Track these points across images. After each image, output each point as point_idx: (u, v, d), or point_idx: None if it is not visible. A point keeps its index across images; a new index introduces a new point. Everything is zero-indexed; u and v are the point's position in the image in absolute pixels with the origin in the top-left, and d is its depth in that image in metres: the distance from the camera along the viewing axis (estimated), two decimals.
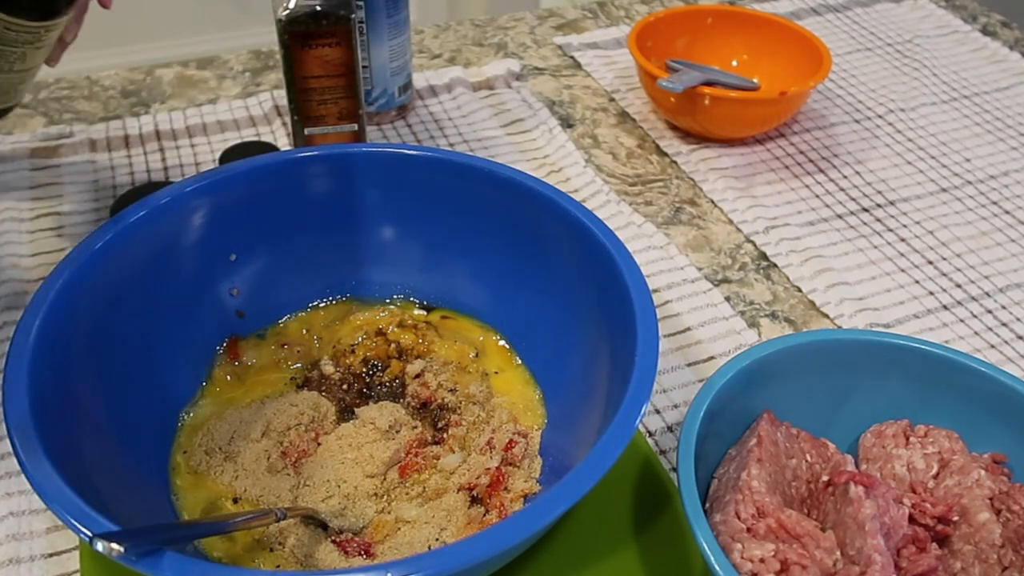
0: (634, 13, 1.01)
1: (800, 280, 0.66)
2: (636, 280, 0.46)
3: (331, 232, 0.57)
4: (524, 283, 0.55)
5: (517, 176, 0.53)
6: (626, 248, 0.48)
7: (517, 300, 0.56)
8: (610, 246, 0.48)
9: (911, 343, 0.48)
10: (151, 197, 0.50)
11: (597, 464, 0.38)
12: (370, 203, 0.57)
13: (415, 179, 0.56)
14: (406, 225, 0.58)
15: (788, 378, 0.48)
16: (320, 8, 0.65)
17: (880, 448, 0.48)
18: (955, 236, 0.70)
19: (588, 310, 0.51)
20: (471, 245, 0.57)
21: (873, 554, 0.39)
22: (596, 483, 0.37)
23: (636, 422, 0.39)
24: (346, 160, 0.56)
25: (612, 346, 0.47)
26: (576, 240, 0.51)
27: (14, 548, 0.47)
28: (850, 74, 0.91)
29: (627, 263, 0.47)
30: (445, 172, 0.55)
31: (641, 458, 0.52)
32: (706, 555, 0.38)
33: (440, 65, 0.90)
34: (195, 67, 0.87)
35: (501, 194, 0.54)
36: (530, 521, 0.36)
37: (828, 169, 0.78)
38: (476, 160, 0.55)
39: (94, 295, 0.46)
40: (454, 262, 0.58)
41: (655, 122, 0.82)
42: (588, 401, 0.48)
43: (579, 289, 0.51)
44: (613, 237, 0.49)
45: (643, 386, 0.41)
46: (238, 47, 0.95)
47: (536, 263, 0.54)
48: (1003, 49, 0.95)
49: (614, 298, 0.47)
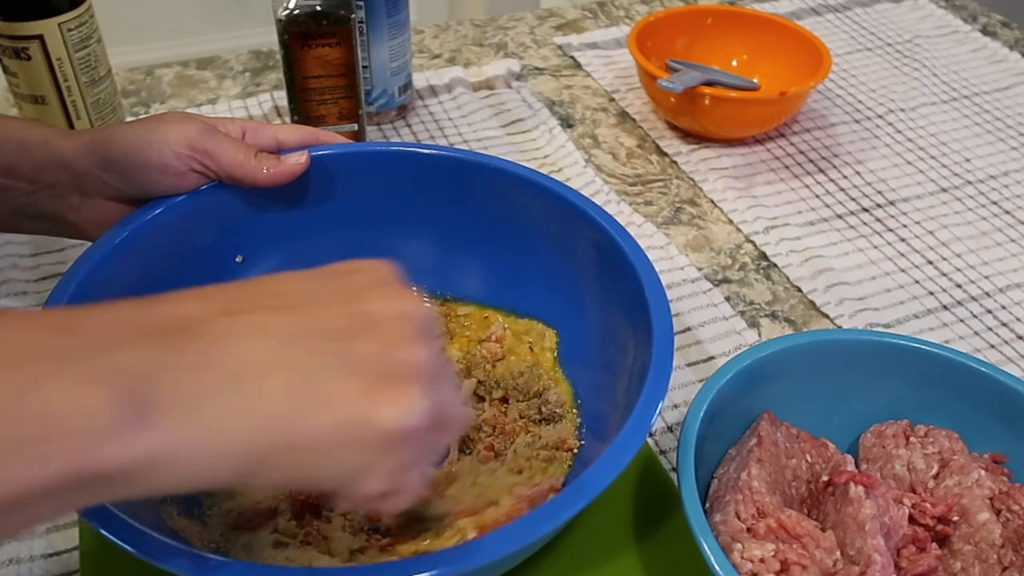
0: (634, 13, 1.01)
1: (800, 280, 0.66)
2: (648, 274, 0.47)
3: (339, 229, 0.57)
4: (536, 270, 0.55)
5: (534, 176, 0.54)
6: (634, 240, 0.49)
7: (531, 285, 0.56)
8: (620, 240, 0.49)
9: (911, 343, 0.48)
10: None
11: (616, 459, 0.38)
12: (380, 201, 0.57)
13: (424, 177, 0.56)
14: (418, 223, 0.58)
15: (788, 378, 0.48)
16: (320, 8, 0.65)
17: (880, 448, 0.48)
18: (955, 236, 0.70)
19: (610, 307, 0.51)
20: (481, 240, 0.57)
21: (873, 554, 0.39)
22: (614, 479, 0.37)
23: (653, 418, 0.39)
24: (355, 159, 0.55)
25: (633, 329, 0.47)
26: (590, 233, 0.51)
27: (14, 548, 0.47)
28: (850, 74, 0.91)
29: (636, 254, 0.48)
30: (455, 169, 0.55)
31: (641, 458, 0.52)
32: (706, 555, 0.38)
33: (440, 65, 0.90)
34: (195, 67, 0.87)
35: (515, 192, 0.54)
36: (560, 510, 0.36)
37: (828, 169, 0.78)
38: (488, 158, 0.55)
39: (110, 293, 0.47)
40: (465, 256, 0.58)
41: (655, 122, 0.82)
42: (610, 390, 0.49)
43: (599, 289, 0.52)
44: (621, 229, 0.50)
45: (660, 379, 0.41)
46: (238, 47, 0.95)
47: (550, 253, 0.55)
48: (1003, 49, 0.95)
49: (629, 289, 0.47)
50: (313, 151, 0.53)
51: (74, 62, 0.66)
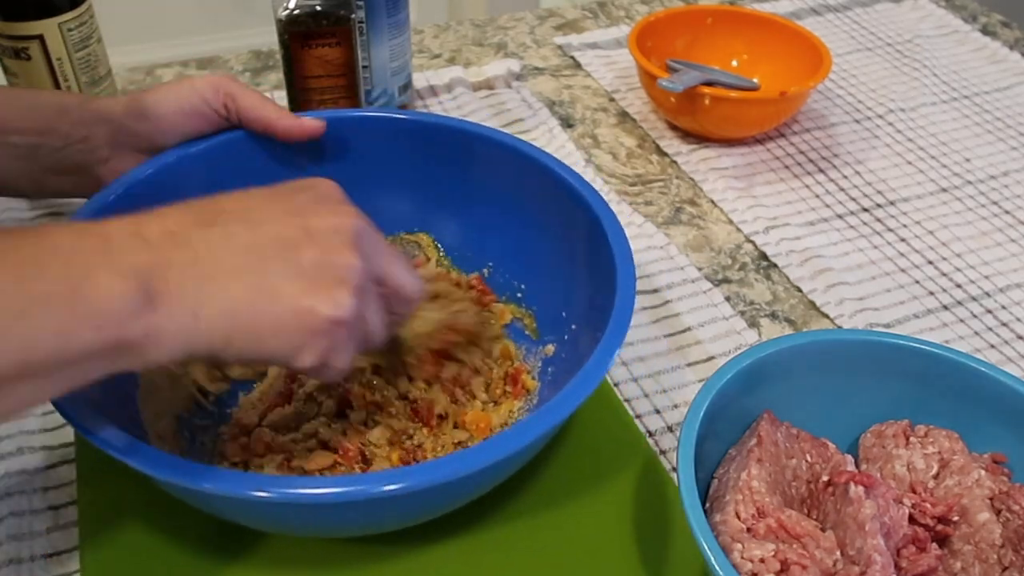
0: (634, 13, 1.01)
1: (800, 280, 0.66)
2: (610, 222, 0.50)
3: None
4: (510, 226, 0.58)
5: (508, 140, 0.56)
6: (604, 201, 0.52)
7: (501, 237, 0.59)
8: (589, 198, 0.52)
9: (911, 343, 0.48)
10: (156, 158, 0.54)
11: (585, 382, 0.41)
12: (358, 163, 0.59)
13: (403, 143, 0.58)
14: (398, 186, 0.59)
15: (788, 378, 0.48)
16: (320, 8, 0.65)
17: (880, 448, 0.48)
18: (955, 236, 0.70)
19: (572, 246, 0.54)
20: (461, 204, 0.59)
21: (873, 554, 0.39)
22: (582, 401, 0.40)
23: (610, 359, 0.42)
24: (335, 124, 0.57)
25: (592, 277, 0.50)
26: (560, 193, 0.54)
27: (14, 548, 0.47)
28: (850, 74, 0.91)
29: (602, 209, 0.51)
30: (432, 134, 0.57)
31: (641, 458, 0.52)
32: (706, 555, 0.38)
33: (440, 65, 0.90)
34: (195, 67, 0.87)
35: (491, 154, 0.57)
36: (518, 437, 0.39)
37: (828, 169, 0.78)
38: (449, 120, 0.58)
39: None
40: (443, 214, 0.60)
41: (655, 122, 0.82)
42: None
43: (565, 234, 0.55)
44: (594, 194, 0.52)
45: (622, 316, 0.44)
46: (238, 47, 0.95)
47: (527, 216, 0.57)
48: (1003, 49, 0.95)
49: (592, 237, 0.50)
50: (325, 115, 0.56)
51: (74, 62, 0.66)
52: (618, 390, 0.57)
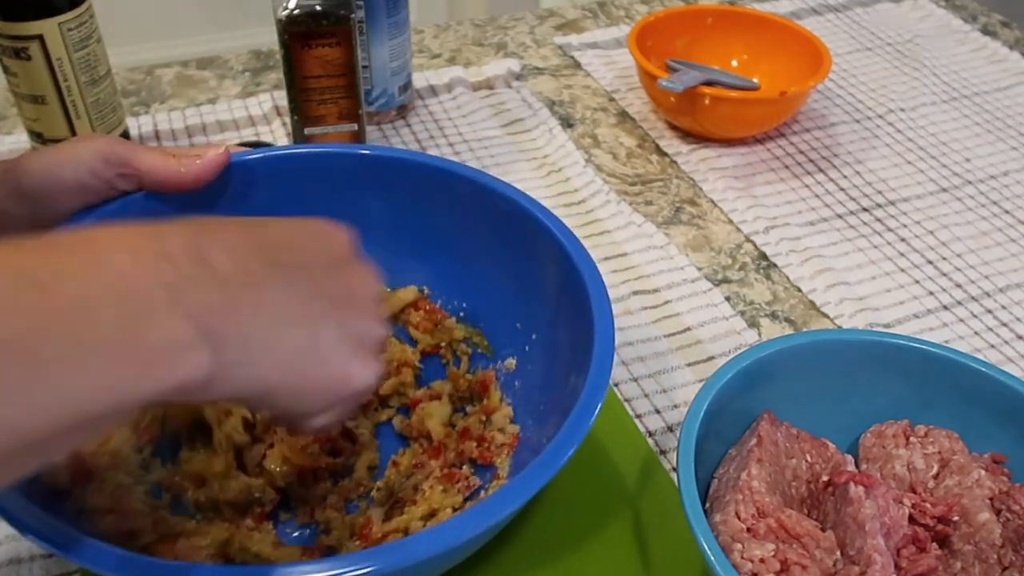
0: (634, 13, 1.01)
1: (800, 280, 0.66)
2: (588, 266, 0.47)
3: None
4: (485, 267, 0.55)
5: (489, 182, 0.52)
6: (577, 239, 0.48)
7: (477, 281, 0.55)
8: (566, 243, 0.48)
9: (911, 343, 0.48)
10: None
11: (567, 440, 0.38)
12: (300, 204, 0.51)
13: (384, 183, 0.54)
14: (376, 226, 0.55)
15: (788, 378, 0.48)
16: (320, 8, 0.65)
17: (880, 448, 0.48)
18: (955, 236, 0.70)
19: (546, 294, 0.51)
20: (390, 230, 0.55)
21: (873, 554, 0.39)
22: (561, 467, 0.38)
23: (593, 416, 0.40)
24: (272, 163, 0.53)
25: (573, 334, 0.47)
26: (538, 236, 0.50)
27: (14, 548, 0.47)
28: (850, 74, 0.91)
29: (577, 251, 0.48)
30: (415, 176, 0.54)
31: (641, 458, 0.52)
32: (706, 555, 0.38)
33: (440, 65, 0.90)
34: (195, 67, 0.87)
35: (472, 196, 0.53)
36: (495, 509, 0.36)
37: (828, 169, 0.78)
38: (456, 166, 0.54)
39: None
40: (410, 255, 0.56)
41: (655, 122, 0.82)
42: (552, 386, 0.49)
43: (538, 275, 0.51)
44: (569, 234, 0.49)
45: (601, 374, 0.41)
46: (238, 47, 0.95)
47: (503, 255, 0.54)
48: (1003, 49, 0.95)
49: (569, 281, 0.47)
50: (236, 157, 0.51)
51: (74, 62, 0.66)
52: (618, 390, 0.57)
